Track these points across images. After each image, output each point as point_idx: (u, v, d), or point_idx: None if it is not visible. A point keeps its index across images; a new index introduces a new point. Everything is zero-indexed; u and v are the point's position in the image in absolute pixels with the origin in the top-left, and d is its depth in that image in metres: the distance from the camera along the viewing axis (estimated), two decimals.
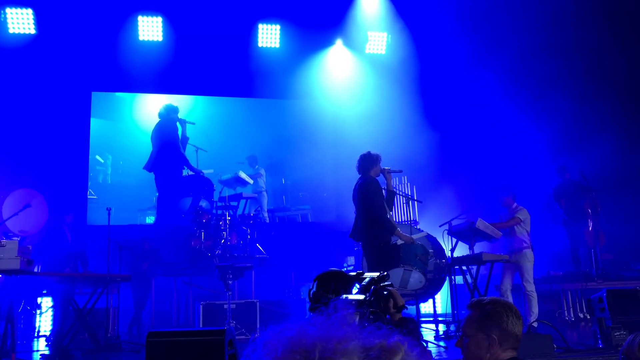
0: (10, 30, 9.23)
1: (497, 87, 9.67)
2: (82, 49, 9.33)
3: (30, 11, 9.26)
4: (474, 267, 6.54)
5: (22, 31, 9.28)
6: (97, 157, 10.26)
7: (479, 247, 6.76)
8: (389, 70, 10.23)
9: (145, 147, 9.54)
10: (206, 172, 9.86)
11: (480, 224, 6.42)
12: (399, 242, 5.99)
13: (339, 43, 10.60)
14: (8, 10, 9.20)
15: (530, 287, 6.40)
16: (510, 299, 6.33)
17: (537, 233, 7.17)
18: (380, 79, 10.25)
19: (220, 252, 8.12)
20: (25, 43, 9.29)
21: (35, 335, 7.59)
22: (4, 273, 5.24)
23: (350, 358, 0.80)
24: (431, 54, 10.18)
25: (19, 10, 9.23)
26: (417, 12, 10.14)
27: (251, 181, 10.48)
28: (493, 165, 9.42)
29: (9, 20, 9.22)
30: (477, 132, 9.85)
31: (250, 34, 10.19)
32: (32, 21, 9.28)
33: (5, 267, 5.12)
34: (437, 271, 7.22)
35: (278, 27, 10.17)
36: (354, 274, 3.32)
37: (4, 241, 5.26)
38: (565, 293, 7.65)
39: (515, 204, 6.70)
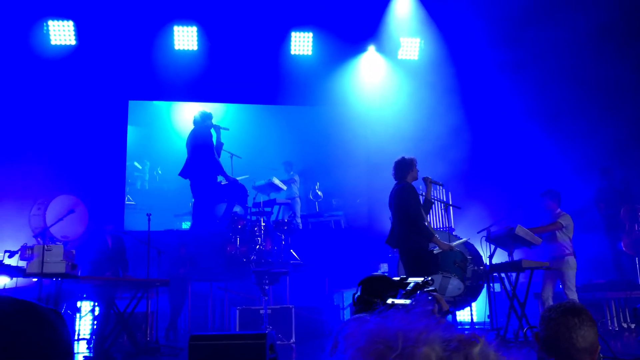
0: (53, 42, 9.51)
1: (536, 92, 9.51)
2: (119, 59, 9.55)
3: (71, 23, 9.53)
4: (513, 275, 6.42)
5: (63, 42, 9.55)
6: (136, 163, 10.47)
7: (518, 254, 6.64)
8: (422, 76, 10.18)
9: (182, 154, 9.69)
10: (241, 178, 9.95)
11: (520, 230, 6.31)
12: (436, 250, 5.93)
13: (371, 49, 10.60)
14: (50, 22, 9.48)
15: (572, 295, 6.25)
16: None
17: (577, 239, 7.01)
18: (413, 85, 10.21)
19: (255, 257, 8.19)
20: (67, 54, 9.56)
21: (76, 338, 7.76)
22: (50, 277, 5.38)
23: (432, 347, 0.80)
24: (465, 59, 10.10)
25: (60, 22, 9.51)
26: (450, 17, 10.08)
27: (284, 187, 10.54)
28: (531, 170, 9.26)
29: (51, 32, 9.50)
30: (514, 137, 9.70)
31: (283, 42, 10.28)
32: (72, 33, 9.54)
33: (52, 270, 5.27)
34: (475, 278, 7.12)
35: (311, 34, 10.24)
36: (397, 279, 3.31)
37: (50, 245, 5.41)
38: (609, 302, 7.45)
39: (559, 210, 6.57)
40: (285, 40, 10.28)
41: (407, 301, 2.97)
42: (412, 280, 3.32)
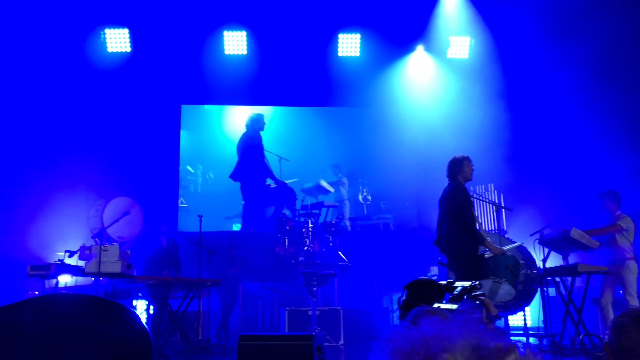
0: (109, 50, 9.90)
1: (587, 91, 9.13)
2: (172, 65, 9.83)
3: (126, 31, 9.88)
4: (568, 279, 6.19)
5: (119, 50, 9.93)
6: (188, 167, 10.74)
7: (576, 257, 6.40)
8: (472, 75, 9.95)
9: (233, 158, 9.88)
10: (290, 181, 10.04)
11: (575, 233, 6.07)
12: (487, 254, 5.78)
13: (420, 49, 10.46)
14: (107, 31, 9.87)
15: (634, 302, 5.96)
16: (610, 314, 5.94)
17: (637, 243, 6.67)
18: (463, 84, 10.00)
19: (303, 259, 8.24)
20: (122, 61, 9.93)
21: None
22: (106, 276, 5.61)
23: (454, 355, 0.80)
24: (517, 56, 9.81)
25: (116, 30, 9.89)
26: (502, 13, 9.81)
27: (332, 189, 10.56)
28: (587, 170, 8.89)
29: (107, 40, 9.89)
30: (568, 136, 9.34)
31: (330, 44, 10.31)
32: (127, 40, 9.90)
33: (108, 270, 5.49)
34: (528, 282, 6.90)
35: (358, 36, 10.21)
36: (444, 282, 3.25)
37: (106, 246, 5.64)
38: None
39: (619, 212, 6.28)
40: (332, 42, 10.31)
41: (454, 306, 2.90)
42: (459, 284, 3.24)
